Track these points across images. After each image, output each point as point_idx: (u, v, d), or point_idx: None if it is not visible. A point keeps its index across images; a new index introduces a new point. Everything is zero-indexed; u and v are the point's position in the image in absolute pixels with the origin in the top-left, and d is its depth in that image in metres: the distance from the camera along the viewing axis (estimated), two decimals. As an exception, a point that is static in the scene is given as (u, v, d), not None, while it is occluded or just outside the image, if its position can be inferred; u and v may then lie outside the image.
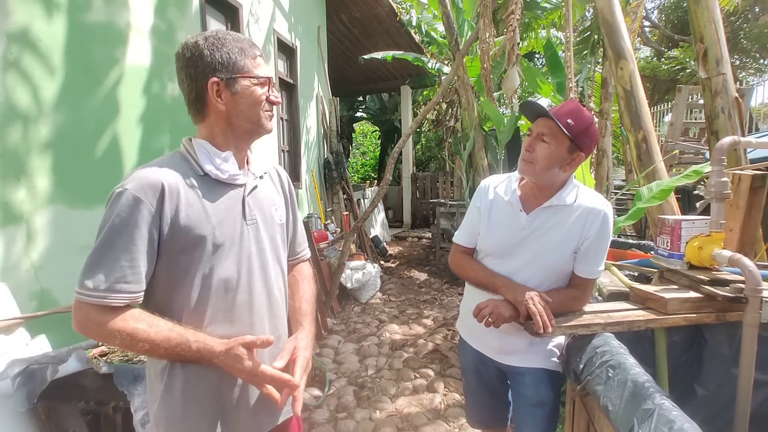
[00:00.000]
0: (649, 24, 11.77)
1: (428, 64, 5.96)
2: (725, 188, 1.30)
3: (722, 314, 1.19)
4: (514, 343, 1.32)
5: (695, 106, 5.62)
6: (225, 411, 0.93)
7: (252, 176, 1.00)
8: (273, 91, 0.98)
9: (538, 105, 1.25)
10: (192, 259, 0.88)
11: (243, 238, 0.94)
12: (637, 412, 0.82)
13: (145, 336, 0.81)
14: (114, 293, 0.80)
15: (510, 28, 3.70)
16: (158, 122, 2.63)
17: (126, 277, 0.81)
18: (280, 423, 1.03)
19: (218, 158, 0.93)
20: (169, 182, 0.86)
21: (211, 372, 0.89)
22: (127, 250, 0.81)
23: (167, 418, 0.90)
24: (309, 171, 5.38)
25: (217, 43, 0.91)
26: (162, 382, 0.90)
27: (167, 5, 2.79)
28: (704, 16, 2.27)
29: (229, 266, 0.92)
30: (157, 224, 0.84)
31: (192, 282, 0.88)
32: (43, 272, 1.90)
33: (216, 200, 0.91)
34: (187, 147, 0.94)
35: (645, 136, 2.17)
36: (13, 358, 1.37)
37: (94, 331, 0.82)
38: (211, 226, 0.89)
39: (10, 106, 1.80)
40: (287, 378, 0.90)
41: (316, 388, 2.68)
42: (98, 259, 0.81)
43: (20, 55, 1.84)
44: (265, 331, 0.97)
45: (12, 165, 1.80)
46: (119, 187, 0.84)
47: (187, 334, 0.84)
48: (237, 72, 0.91)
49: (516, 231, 1.30)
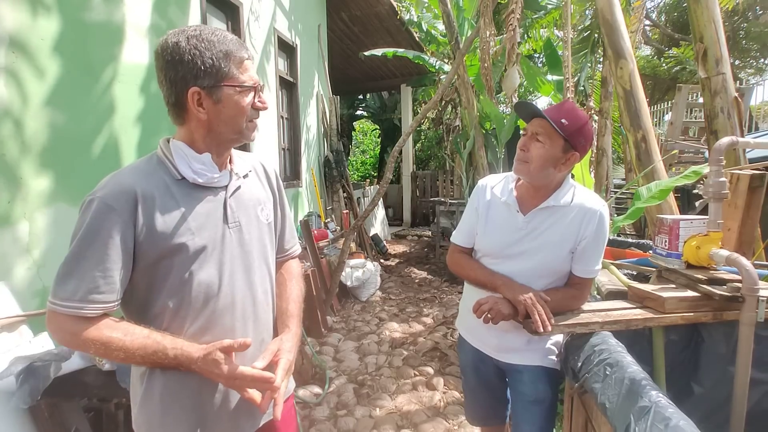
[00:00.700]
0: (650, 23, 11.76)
1: (429, 62, 5.96)
2: (723, 188, 1.31)
3: (719, 313, 1.20)
4: (513, 340, 1.33)
5: (695, 105, 5.63)
6: (205, 416, 0.91)
7: (235, 176, 0.96)
8: (260, 96, 0.92)
9: (532, 105, 1.26)
10: (171, 265, 0.85)
11: (225, 242, 0.91)
12: (633, 409, 0.83)
13: (120, 345, 0.80)
14: (87, 303, 0.79)
15: (510, 28, 3.71)
16: (157, 120, 2.63)
17: (99, 287, 0.80)
18: (261, 425, 1.00)
19: (196, 161, 0.89)
20: (143, 188, 0.83)
21: (191, 377, 0.87)
22: (99, 260, 0.79)
23: (146, 423, 0.89)
24: (309, 169, 5.38)
25: (200, 46, 0.83)
26: (142, 387, 0.89)
27: (168, 3, 2.79)
28: (704, 16, 2.28)
29: (210, 271, 0.89)
30: (131, 232, 0.82)
31: (172, 287, 0.86)
32: (44, 270, 1.91)
33: (195, 205, 0.88)
34: (164, 149, 0.90)
35: (644, 136, 2.18)
36: (16, 355, 1.38)
37: (69, 340, 0.82)
38: (189, 232, 0.86)
39: (10, 106, 1.80)
40: (268, 376, 0.85)
41: (317, 386, 2.69)
42: (70, 269, 0.80)
43: (21, 56, 1.84)
44: (248, 335, 0.93)
45: (13, 164, 1.81)
46: (90, 195, 0.82)
47: (164, 341, 0.82)
48: (221, 80, 0.85)
49: (513, 231, 1.31)
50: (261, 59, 4.17)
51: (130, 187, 0.83)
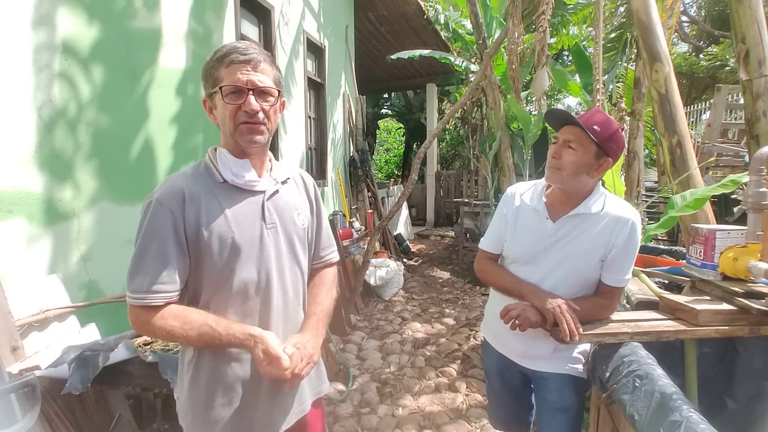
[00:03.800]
0: (687, 19, 11.28)
1: (455, 62, 5.93)
2: (763, 199, 1.27)
3: (756, 328, 1.17)
4: (539, 348, 1.33)
5: (735, 106, 5.38)
6: (246, 406, 0.98)
7: (273, 182, 1.03)
8: (250, 98, 0.91)
9: (563, 112, 1.26)
10: (214, 262, 0.93)
11: (263, 241, 0.98)
12: (664, 423, 0.83)
13: (181, 333, 0.89)
14: (152, 294, 0.89)
15: (541, 29, 3.65)
16: (192, 122, 2.74)
17: (162, 278, 0.89)
18: (294, 424, 1.06)
19: (236, 166, 0.97)
20: (190, 189, 0.93)
21: (235, 368, 0.97)
22: (160, 253, 0.89)
23: (192, 408, 0.97)
24: (335, 168, 5.46)
25: (208, 58, 0.95)
26: (188, 374, 0.97)
27: (205, 9, 2.90)
28: (747, 16, 2.19)
29: (250, 269, 0.96)
30: (182, 227, 0.91)
31: (213, 284, 0.94)
32: (91, 264, 2.04)
33: (236, 205, 0.96)
34: (210, 156, 1.00)
35: (680, 141, 2.12)
36: (68, 344, 1.48)
37: (143, 329, 0.92)
38: (230, 230, 0.93)
39: (64, 109, 1.93)
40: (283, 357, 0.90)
41: (340, 383, 2.75)
42: (137, 265, 0.90)
43: (72, 62, 1.96)
44: (278, 332, 0.99)
45: (64, 165, 1.93)
46: (149, 198, 0.92)
47: (218, 327, 0.90)
48: (213, 85, 0.94)
49: (542, 239, 1.31)
50: (290, 60, 4.26)
51: (179, 188, 0.92)
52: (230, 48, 0.93)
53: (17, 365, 1.40)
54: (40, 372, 1.39)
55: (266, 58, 0.96)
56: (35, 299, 1.64)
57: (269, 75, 0.96)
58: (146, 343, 1.69)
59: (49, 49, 1.86)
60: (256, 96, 0.93)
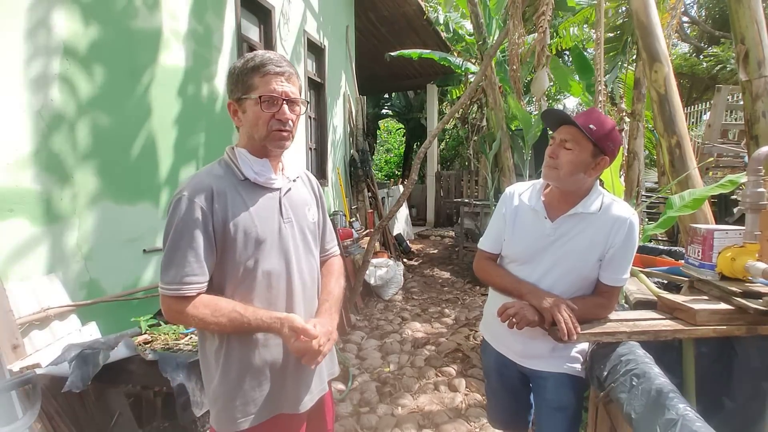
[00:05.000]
0: (688, 19, 11.27)
1: (455, 63, 5.93)
2: (761, 199, 1.28)
3: (754, 327, 1.17)
4: (538, 347, 1.34)
5: (735, 106, 5.38)
6: (274, 387, 1.05)
7: (286, 180, 1.12)
8: (284, 107, 1.01)
9: (559, 112, 1.27)
10: (239, 255, 1.00)
11: (282, 234, 1.06)
12: (660, 421, 0.83)
13: (212, 320, 0.96)
14: (185, 285, 0.95)
15: (540, 30, 3.65)
16: (194, 121, 2.74)
17: (194, 270, 0.95)
18: (316, 402, 1.14)
19: (256, 164, 1.05)
20: (217, 186, 0.99)
21: (262, 353, 1.03)
22: (191, 246, 0.95)
23: (225, 393, 1.02)
24: (335, 169, 5.46)
25: (237, 64, 1.01)
26: (219, 363, 1.02)
27: (205, 9, 2.91)
28: (746, 16, 2.20)
29: (272, 260, 1.04)
30: (210, 222, 0.97)
31: (239, 274, 1.01)
32: (91, 263, 2.04)
33: (257, 201, 1.04)
34: (230, 155, 1.07)
35: (679, 142, 2.12)
36: (69, 343, 1.49)
37: (176, 318, 0.98)
38: (254, 224, 1.01)
39: (64, 110, 1.93)
40: (310, 327, 0.99)
41: (340, 383, 2.76)
42: (170, 258, 0.96)
43: (72, 62, 1.97)
44: (300, 315, 1.07)
45: (65, 164, 1.94)
46: (177, 194, 0.98)
47: (246, 313, 0.97)
48: (245, 91, 1.00)
49: (541, 238, 1.31)
50: (290, 61, 4.26)
51: (207, 185, 0.99)
52: (265, 59, 1.00)
53: (18, 363, 1.41)
54: (41, 370, 1.40)
55: (295, 70, 1.06)
56: (36, 298, 1.64)
57: (297, 86, 1.06)
58: (146, 342, 1.69)
59: (50, 49, 1.87)
60: (288, 105, 1.02)
